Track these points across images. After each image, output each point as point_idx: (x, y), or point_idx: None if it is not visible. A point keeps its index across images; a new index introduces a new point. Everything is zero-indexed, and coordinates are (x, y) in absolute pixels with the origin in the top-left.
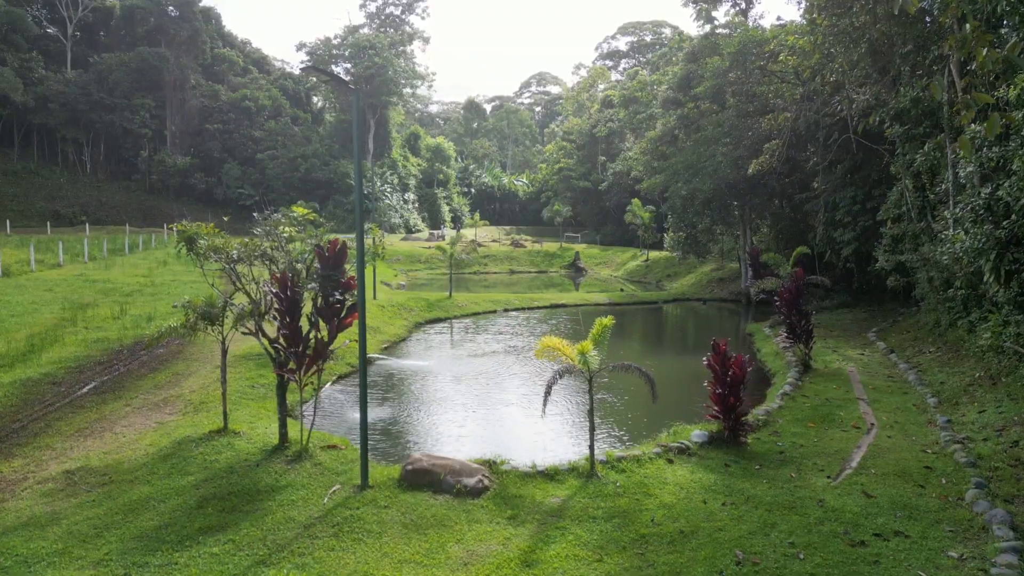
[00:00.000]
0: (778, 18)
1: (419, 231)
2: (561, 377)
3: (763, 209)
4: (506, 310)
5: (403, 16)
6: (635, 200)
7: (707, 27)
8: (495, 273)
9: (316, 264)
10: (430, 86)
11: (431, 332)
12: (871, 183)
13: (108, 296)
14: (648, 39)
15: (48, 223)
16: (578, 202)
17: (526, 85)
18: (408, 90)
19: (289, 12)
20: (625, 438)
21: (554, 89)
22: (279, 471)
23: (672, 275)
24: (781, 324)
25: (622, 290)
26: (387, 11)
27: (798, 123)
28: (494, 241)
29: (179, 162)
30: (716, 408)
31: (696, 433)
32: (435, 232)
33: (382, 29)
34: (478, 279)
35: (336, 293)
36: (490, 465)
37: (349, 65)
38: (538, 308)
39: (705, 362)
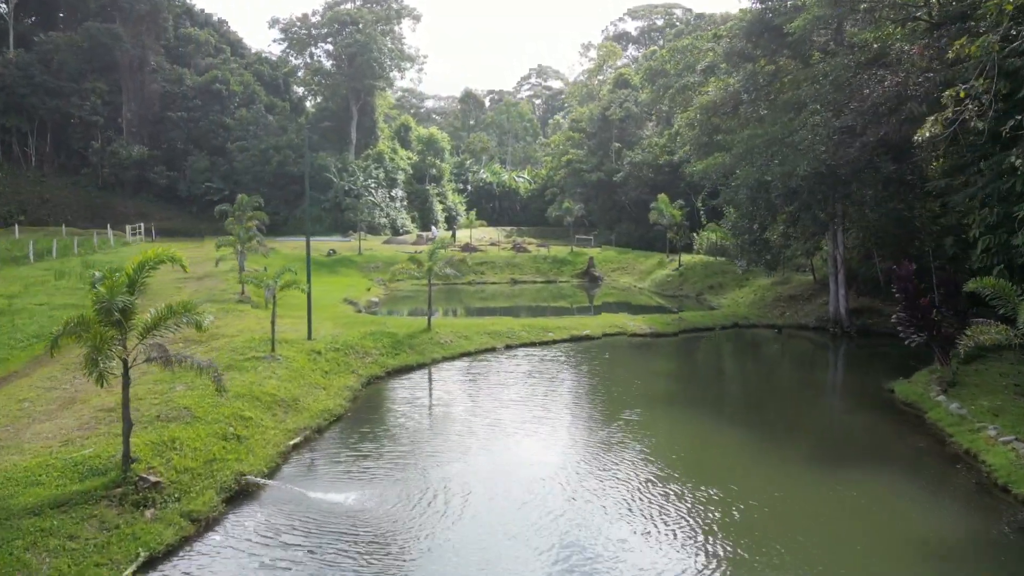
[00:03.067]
0: None
1: (408, 232)
2: None
3: (871, 203)
4: (508, 347)
5: None
6: (661, 196)
7: None
8: (494, 283)
9: None
10: (420, 69)
11: (388, 400)
12: None
13: None
14: (659, 22)
15: None
16: (589, 198)
17: (525, 79)
18: (396, 74)
19: None
20: None
21: (555, 83)
22: None
23: (716, 287)
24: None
25: (678, 311)
26: None
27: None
28: (493, 244)
29: (135, 153)
30: None
31: None
32: (424, 234)
33: (367, 4)
34: (474, 291)
35: None
36: None
37: (330, 46)
38: (554, 343)
39: None
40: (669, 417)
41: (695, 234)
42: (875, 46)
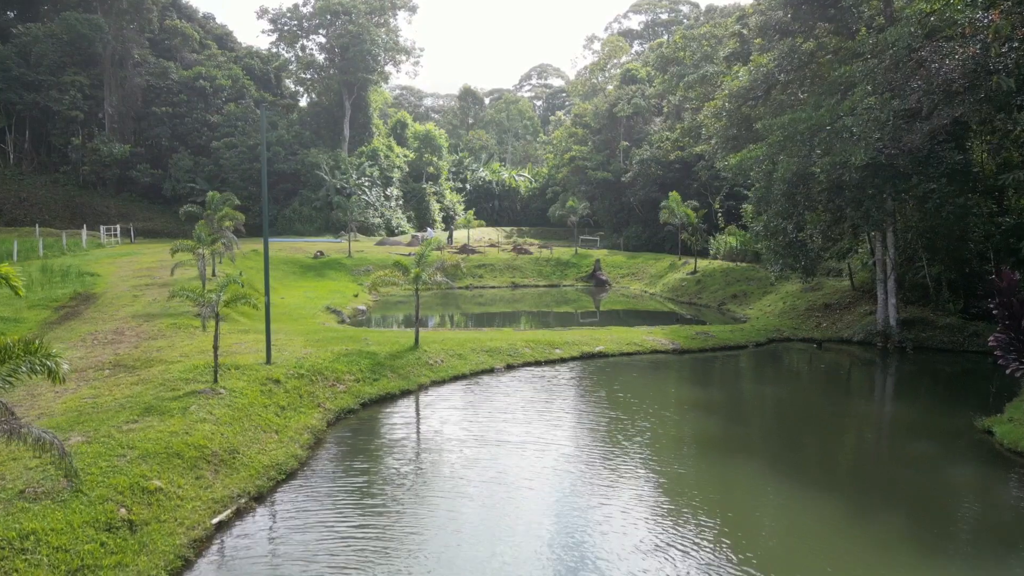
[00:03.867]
0: None
1: (403, 232)
2: None
3: (936, 199)
4: (509, 367)
5: None
6: (673, 194)
7: None
8: (493, 288)
9: None
10: (417, 62)
11: (361, 444)
12: None
13: None
14: (664, 16)
15: None
16: (594, 198)
17: (526, 78)
18: (391, 68)
19: None
20: None
21: (556, 82)
22: None
23: (740, 296)
24: None
25: (699, 322)
26: None
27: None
28: (492, 246)
29: (116, 151)
30: None
31: None
32: (420, 235)
33: None
34: (471, 296)
35: None
36: None
37: (322, 39)
38: (562, 361)
39: None
40: (719, 471)
41: (711, 238)
42: (931, 19)
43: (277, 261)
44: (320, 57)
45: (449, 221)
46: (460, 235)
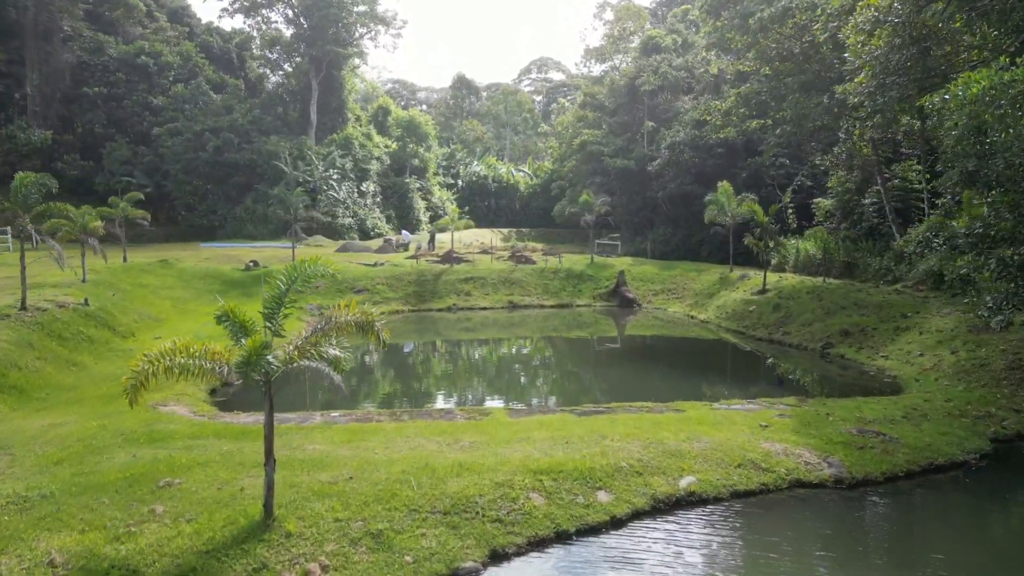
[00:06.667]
0: None
1: (381, 235)
2: None
3: None
4: (496, 558)
5: None
6: (724, 184)
7: None
8: (485, 309)
9: None
10: (398, 35)
11: None
12: None
13: None
14: None
15: None
16: (612, 191)
17: (525, 72)
18: (368, 42)
19: None
20: None
21: (556, 76)
22: None
23: (855, 333)
24: None
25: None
26: None
27: None
28: (485, 252)
29: (36, 138)
30: None
31: None
32: (394, 239)
33: None
34: (454, 321)
35: None
36: None
37: (289, 11)
38: (613, 527)
39: None
40: None
41: (780, 245)
42: None
43: (195, 274)
44: (287, 32)
45: (437, 221)
46: (445, 238)
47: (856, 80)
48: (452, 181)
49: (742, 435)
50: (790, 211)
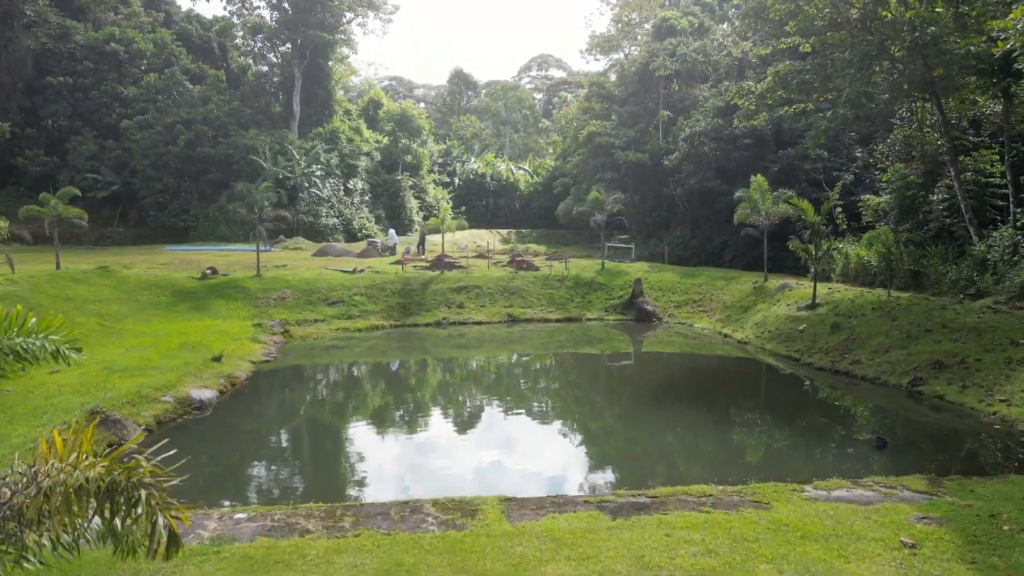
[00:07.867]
0: None
1: (368, 236)
2: None
3: None
4: None
5: None
6: (758, 178)
7: None
8: (479, 324)
9: None
10: (388, 20)
11: None
12: None
13: None
14: None
15: None
16: (623, 188)
17: (525, 69)
18: (357, 26)
19: None
20: None
21: (557, 73)
22: None
23: (952, 364)
24: None
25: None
26: None
27: None
28: (481, 256)
29: None
30: None
31: None
32: (379, 241)
33: None
34: (445, 337)
35: None
36: None
37: None
38: None
39: None
40: None
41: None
42: None
43: (139, 283)
44: (271, 19)
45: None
46: (436, 239)
47: (1011, 15)
48: (448, 179)
49: (885, 569)
50: (839, 210)
